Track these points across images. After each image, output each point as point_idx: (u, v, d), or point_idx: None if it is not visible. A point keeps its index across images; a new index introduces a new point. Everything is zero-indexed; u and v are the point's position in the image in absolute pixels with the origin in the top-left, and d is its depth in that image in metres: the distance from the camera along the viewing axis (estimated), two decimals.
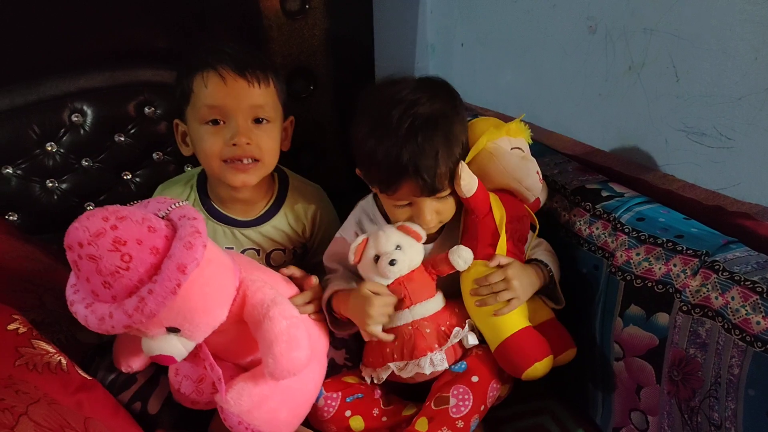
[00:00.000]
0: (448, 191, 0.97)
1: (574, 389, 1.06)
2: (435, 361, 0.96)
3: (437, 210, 0.99)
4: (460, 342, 0.98)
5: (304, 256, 1.21)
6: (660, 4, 0.97)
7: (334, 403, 0.99)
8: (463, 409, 0.92)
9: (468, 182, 0.95)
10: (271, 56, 1.38)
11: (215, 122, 1.02)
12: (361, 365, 1.04)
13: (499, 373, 0.97)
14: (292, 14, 1.37)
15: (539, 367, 0.94)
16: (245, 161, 1.03)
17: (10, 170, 1.26)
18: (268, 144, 1.04)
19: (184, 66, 1.06)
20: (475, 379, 0.95)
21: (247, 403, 0.89)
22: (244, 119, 1.02)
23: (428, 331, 0.97)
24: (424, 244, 1.01)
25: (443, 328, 0.98)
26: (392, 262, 0.95)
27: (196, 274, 0.78)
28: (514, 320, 0.96)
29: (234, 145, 1.01)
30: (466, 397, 0.93)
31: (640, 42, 1.02)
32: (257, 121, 1.03)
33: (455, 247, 0.98)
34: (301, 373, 0.88)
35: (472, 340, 0.98)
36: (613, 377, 0.96)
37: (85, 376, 0.90)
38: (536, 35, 1.26)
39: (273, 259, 1.16)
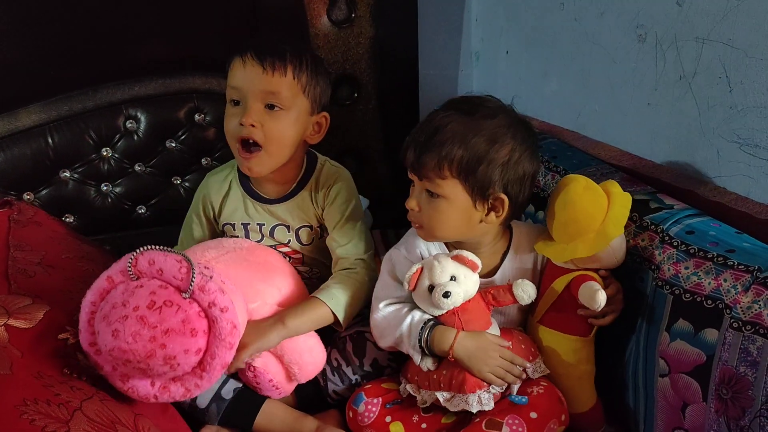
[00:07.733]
0: None
1: (614, 404, 1.04)
2: (483, 400, 0.93)
3: None
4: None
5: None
6: (712, 13, 0.95)
7: (374, 409, 0.99)
8: None
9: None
10: None
11: (236, 103, 1.08)
12: (403, 378, 1.03)
13: (559, 414, 0.95)
14: (338, 23, 1.39)
15: None
16: (250, 143, 1.07)
17: (67, 174, 1.31)
18: (275, 131, 1.07)
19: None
20: (533, 415, 0.92)
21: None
22: (255, 102, 1.06)
23: None
24: (483, 277, 1.00)
25: None
26: (446, 294, 0.94)
27: None
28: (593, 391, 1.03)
29: (241, 124, 1.06)
30: (521, 430, 0.90)
31: (692, 51, 1.00)
32: (270, 107, 1.07)
33: (519, 280, 0.97)
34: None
35: (519, 399, 0.94)
36: (657, 393, 0.94)
37: None
38: (584, 43, 1.25)
39: (301, 236, 1.18)
